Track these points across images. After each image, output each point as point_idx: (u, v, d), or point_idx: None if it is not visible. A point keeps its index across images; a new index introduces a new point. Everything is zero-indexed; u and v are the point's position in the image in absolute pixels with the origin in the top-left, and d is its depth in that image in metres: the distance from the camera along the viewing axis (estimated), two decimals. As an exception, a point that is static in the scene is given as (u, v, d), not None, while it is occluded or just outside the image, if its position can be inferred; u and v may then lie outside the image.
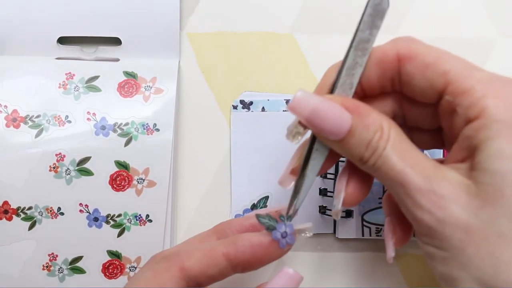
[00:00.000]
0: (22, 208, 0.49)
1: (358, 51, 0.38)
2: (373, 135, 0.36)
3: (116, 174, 0.49)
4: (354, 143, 0.36)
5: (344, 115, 0.36)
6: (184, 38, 0.54)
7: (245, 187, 0.53)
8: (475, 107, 0.34)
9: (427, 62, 0.36)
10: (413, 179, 0.34)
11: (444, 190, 0.34)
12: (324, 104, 0.36)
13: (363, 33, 0.38)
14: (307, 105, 0.36)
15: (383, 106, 0.41)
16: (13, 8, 0.52)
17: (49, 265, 0.50)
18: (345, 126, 0.36)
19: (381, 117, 0.37)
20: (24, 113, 0.50)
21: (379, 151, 0.36)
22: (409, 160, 0.35)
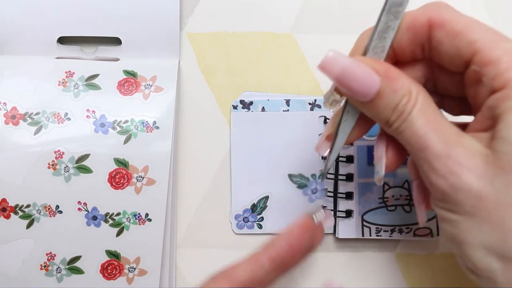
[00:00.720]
0: (20, 206, 0.49)
1: (390, 14, 0.38)
2: (400, 99, 0.36)
3: (115, 172, 0.49)
4: (382, 105, 0.37)
5: (374, 77, 0.36)
6: (184, 38, 0.54)
7: (245, 187, 0.53)
8: (500, 77, 0.34)
9: (456, 30, 0.36)
10: (433, 144, 0.35)
11: (460, 156, 0.34)
12: (354, 64, 0.37)
13: (388, 19, 0.38)
14: (337, 64, 0.37)
15: (414, 72, 0.41)
16: (13, 8, 0.52)
17: (47, 264, 0.50)
18: (374, 88, 0.36)
19: (410, 82, 0.37)
20: (23, 110, 0.49)
21: (404, 114, 0.36)
22: (432, 125, 0.36)
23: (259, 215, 0.53)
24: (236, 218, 0.53)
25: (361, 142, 0.53)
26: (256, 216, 0.53)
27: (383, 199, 0.52)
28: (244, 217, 0.53)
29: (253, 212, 0.53)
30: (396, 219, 0.52)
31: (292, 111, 0.53)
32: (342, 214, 0.52)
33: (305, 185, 0.53)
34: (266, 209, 0.53)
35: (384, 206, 0.52)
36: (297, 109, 0.53)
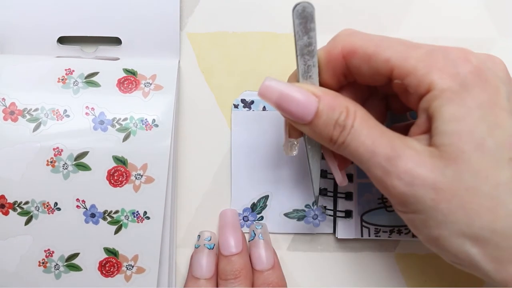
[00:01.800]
0: (18, 202, 0.49)
1: (305, 56, 0.41)
2: (338, 115, 0.39)
3: (113, 169, 0.49)
4: (322, 124, 0.39)
5: (311, 98, 0.39)
6: (184, 38, 0.54)
7: (245, 186, 0.53)
8: (423, 84, 0.37)
9: (368, 53, 0.39)
10: (382, 149, 0.37)
11: (409, 156, 0.37)
12: (290, 88, 0.40)
13: (301, 39, 0.41)
14: (274, 90, 0.40)
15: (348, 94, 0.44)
16: (13, 8, 0.52)
17: (45, 261, 0.50)
18: (312, 108, 0.39)
19: (346, 100, 0.40)
20: (22, 106, 0.49)
21: (347, 129, 0.39)
22: (376, 133, 0.38)
23: (259, 214, 0.53)
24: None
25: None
26: (256, 215, 0.53)
27: (382, 200, 0.52)
28: (244, 216, 0.53)
29: (253, 211, 0.53)
30: (395, 219, 0.52)
31: (292, 111, 0.53)
32: (341, 214, 0.52)
33: (304, 216, 0.53)
34: (266, 209, 0.53)
35: (384, 206, 0.52)
36: (298, 109, 0.53)
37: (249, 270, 0.49)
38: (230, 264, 0.49)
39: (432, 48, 0.38)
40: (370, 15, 0.53)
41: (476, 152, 0.35)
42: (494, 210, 0.34)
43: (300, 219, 0.53)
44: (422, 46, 0.38)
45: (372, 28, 0.53)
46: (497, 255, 0.35)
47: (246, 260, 0.50)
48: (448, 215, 0.35)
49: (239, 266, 0.49)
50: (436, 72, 0.36)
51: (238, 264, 0.49)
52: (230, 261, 0.49)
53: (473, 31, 0.53)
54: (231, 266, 0.49)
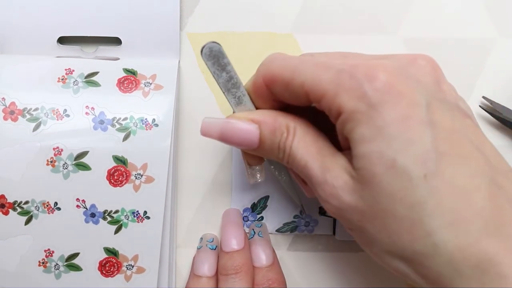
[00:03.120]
0: (18, 202, 0.49)
1: (231, 90, 0.42)
2: (280, 137, 0.40)
3: (113, 169, 0.49)
4: (267, 149, 0.41)
5: (251, 127, 0.40)
6: (184, 38, 0.54)
7: (245, 186, 0.53)
8: (333, 107, 0.36)
9: (285, 79, 0.39)
10: (314, 172, 0.38)
11: (334, 179, 0.37)
12: (230, 121, 0.41)
13: (221, 77, 0.42)
14: (214, 128, 0.41)
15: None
16: (13, 8, 0.52)
17: (45, 261, 0.50)
18: (254, 136, 0.40)
19: (286, 119, 0.41)
20: (22, 105, 0.49)
21: (287, 150, 0.39)
22: (311, 153, 0.39)
23: (259, 215, 0.53)
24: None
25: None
26: (256, 216, 0.53)
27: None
28: (244, 216, 0.53)
29: (253, 212, 0.53)
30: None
31: (292, 111, 0.53)
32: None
33: (296, 227, 0.53)
34: (266, 209, 0.53)
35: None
36: (298, 110, 0.53)
37: (250, 267, 0.49)
38: (231, 259, 0.49)
39: (341, 68, 0.36)
40: (370, 15, 0.53)
41: (387, 173, 0.34)
42: (411, 231, 0.34)
43: (293, 231, 0.54)
44: (332, 67, 0.37)
45: (372, 28, 0.53)
46: (425, 272, 0.34)
47: (247, 257, 0.50)
48: (374, 234, 0.35)
49: (240, 262, 0.49)
50: (343, 93, 0.36)
51: (239, 260, 0.49)
52: (231, 257, 0.49)
53: (473, 31, 0.53)
54: (232, 262, 0.49)
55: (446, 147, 0.34)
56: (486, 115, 0.53)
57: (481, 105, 0.53)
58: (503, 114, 0.52)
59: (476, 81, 0.53)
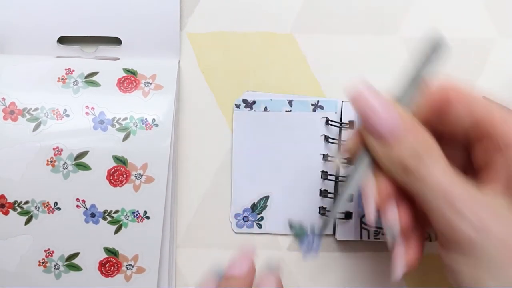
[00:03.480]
0: (18, 202, 0.49)
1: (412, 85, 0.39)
2: (419, 145, 0.37)
3: (113, 169, 0.49)
4: (400, 149, 0.37)
5: (399, 120, 0.37)
6: (184, 38, 0.54)
7: (246, 186, 0.53)
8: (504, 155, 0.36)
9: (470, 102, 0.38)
10: (457, 190, 0.35)
11: (484, 203, 0.35)
12: (385, 103, 0.38)
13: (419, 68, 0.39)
14: (369, 99, 0.38)
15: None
16: (13, 8, 0.52)
17: (45, 261, 0.50)
18: (396, 130, 0.37)
19: (429, 135, 0.38)
20: (22, 105, 0.49)
21: (425, 161, 0.37)
22: (452, 174, 0.36)
23: (259, 215, 0.53)
24: (236, 217, 0.53)
25: (361, 143, 0.53)
26: (256, 216, 0.53)
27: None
28: (244, 216, 0.53)
29: (253, 212, 0.53)
30: (396, 220, 0.52)
31: (294, 111, 0.53)
32: (341, 216, 0.52)
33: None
34: (266, 209, 0.53)
35: (384, 207, 0.52)
36: (300, 109, 0.53)
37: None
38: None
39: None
40: (370, 15, 0.53)
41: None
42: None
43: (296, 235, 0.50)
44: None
45: (372, 28, 0.53)
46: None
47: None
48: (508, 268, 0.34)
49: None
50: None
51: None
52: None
53: (473, 31, 0.53)
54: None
55: None
56: (486, 115, 0.53)
57: (481, 105, 0.53)
58: (503, 114, 0.52)
59: (476, 81, 0.53)
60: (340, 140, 0.52)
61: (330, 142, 0.52)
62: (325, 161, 0.52)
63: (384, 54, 0.53)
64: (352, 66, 0.54)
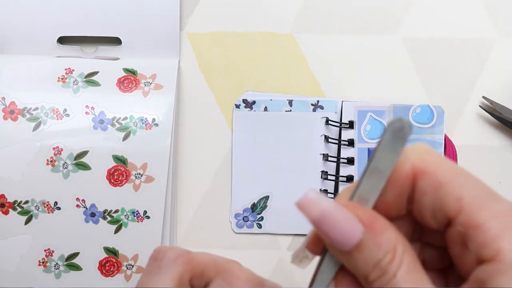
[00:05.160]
0: (18, 202, 0.49)
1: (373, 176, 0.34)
2: (383, 255, 0.32)
3: (113, 168, 0.49)
4: (361, 259, 0.33)
5: (356, 227, 0.32)
6: (184, 38, 0.54)
7: (246, 186, 0.53)
8: (489, 247, 0.30)
9: (441, 180, 0.32)
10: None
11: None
12: (335, 209, 0.33)
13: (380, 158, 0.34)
14: (317, 207, 0.33)
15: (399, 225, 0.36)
16: (13, 8, 0.52)
17: (45, 261, 0.50)
18: (354, 239, 0.32)
19: (397, 237, 0.33)
20: (22, 105, 0.49)
21: (388, 276, 0.32)
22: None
23: (259, 215, 0.53)
24: (236, 217, 0.53)
25: (361, 144, 0.52)
26: (256, 216, 0.53)
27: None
28: (244, 216, 0.53)
29: (253, 212, 0.53)
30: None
31: (294, 111, 0.53)
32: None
33: None
34: (266, 209, 0.53)
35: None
36: (300, 109, 0.53)
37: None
38: None
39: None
40: (370, 15, 0.53)
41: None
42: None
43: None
44: (505, 201, 0.32)
45: (372, 28, 0.53)
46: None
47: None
48: None
49: None
50: (509, 238, 0.30)
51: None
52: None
53: (473, 31, 0.53)
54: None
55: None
56: (486, 115, 0.53)
57: (481, 105, 0.53)
58: (503, 114, 0.51)
59: (476, 81, 0.53)
60: (340, 140, 0.52)
61: (330, 142, 0.52)
62: (325, 161, 0.52)
63: (384, 54, 0.53)
64: (352, 66, 0.54)
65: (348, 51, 0.54)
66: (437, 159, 0.33)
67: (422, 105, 0.52)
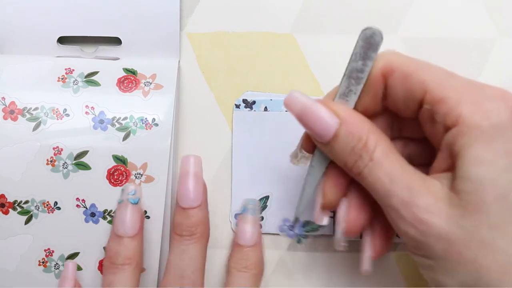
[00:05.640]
0: (18, 201, 0.49)
1: (351, 79, 0.39)
2: (356, 142, 0.37)
3: (113, 168, 0.49)
4: (339, 148, 0.38)
5: (332, 120, 0.38)
6: (184, 38, 0.54)
7: (246, 186, 0.53)
8: (451, 114, 0.35)
9: (406, 72, 0.37)
10: (398, 191, 0.35)
11: (425, 202, 0.35)
12: (314, 104, 0.39)
13: (356, 63, 0.39)
14: (298, 103, 0.39)
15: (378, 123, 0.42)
16: (13, 8, 0.52)
17: (45, 260, 0.50)
18: (331, 130, 0.38)
19: (370, 127, 0.38)
20: (22, 105, 0.49)
21: (364, 160, 0.37)
22: (396, 172, 0.36)
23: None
24: (236, 217, 0.53)
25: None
26: (255, 216, 0.53)
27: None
28: (243, 216, 0.53)
29: (253, 212, 0.53)
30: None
31: (294, 111, 0.53)
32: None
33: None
34: (266, 209, 0.53)
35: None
36: (300, 109, 0.53)
37: (207, 227, 0.48)
38: (187, 218, 0.47)
39: (470, 81, 0.36)
40: (370, 15, 0.53)
41: (496, 203, 0.32)
42: (506, 267, 0.32)
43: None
44: (461, 78, 0.36)
45: (372, 28, 0.53)
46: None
47: (204, 215, 0.48)
48: (457, 267, 0.34)
49: (196, 221, 0.47)
50: (467, 105, 0.34)
51: (195, 218, 0.47)
52: (187, 215, 0.47)
53: (473, 31, 0.53)
54: (188, 220, 0.46)
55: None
56: (486, 115, 0.53)
57: (481, 105, 0.53)
58: (503, 114, 0.52)
59: (476, 81, 0.53)
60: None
61: (330, 142, 0.52)
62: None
63: (384, 54, 0.53)
64: (352, 66, 0.54)
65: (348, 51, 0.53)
66: (403, 58, 0.39)
67: (422, 105, 0.52)
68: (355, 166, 0.38)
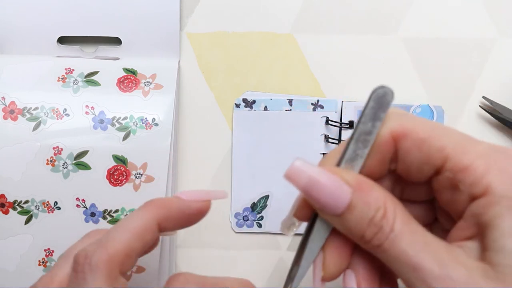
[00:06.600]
0: (18, 201, 0.49)
1: (359, 143, 0.36)
2: (375, 212, 0.34)
3: (113, 168, 0.49)
4: (354, 219, 0.34)
5: (344, 188, 0.34)
6: (184, 38, 0.54)
7: (246, 185, 0.53)
8: (479, 184, 0.32)
9: (421, 137, 0.35)
10: (428, 265, 0.32)
11: (459, 275, 0.31)
12: (322, 175, 0.34)
13: (365, 125, 0.35)
14: (304, 174, 0.34)
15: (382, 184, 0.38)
16: (13, 8, 0.52)
17: (45, 260, 0.50)
18: (344, 200, 0.34)
19: (385, 194, 0.35)
20: (22, 105, 0.49)
21: (385, 231, 0.33)
22: (420, 243, 0.33)
23: (259, 214, 0.53)
24: (235, 217, 0.53)
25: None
26: (256, 215, 0.53)
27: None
28: (244, 216, 0.53)
29: (253, 211, 0.53)
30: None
31: (294, 111, 0.53)
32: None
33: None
34: (266, 208, 0.53)
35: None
36: (300, 109, 0.53)
37: None
38: None
39: (491, 145, 0.34)
40: (370, 15, 0.53)
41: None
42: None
43: None
44: (481, 142, 0.34)
45: (372, 28, 0.53)
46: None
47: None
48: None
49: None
50: (496, 173, 0.32)
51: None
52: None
53: (473, 31, 0.53)
54: None
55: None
56: (486, 115, 0.53)
57: (481, 105, 0.53)
58: (503, 114, 0.51)
59: (476, 81, 0.53)
60: (340, 140, 0.52)
61: (330, 142, 0.52)
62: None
63: (384, 54, 0.53)
64: (352, 66, 0.54)
65: (348, 51, 0.54)
66: (415, 120, 0.36)
67: (422, 105, 0.52)
68: (375, 239, 0.34)
